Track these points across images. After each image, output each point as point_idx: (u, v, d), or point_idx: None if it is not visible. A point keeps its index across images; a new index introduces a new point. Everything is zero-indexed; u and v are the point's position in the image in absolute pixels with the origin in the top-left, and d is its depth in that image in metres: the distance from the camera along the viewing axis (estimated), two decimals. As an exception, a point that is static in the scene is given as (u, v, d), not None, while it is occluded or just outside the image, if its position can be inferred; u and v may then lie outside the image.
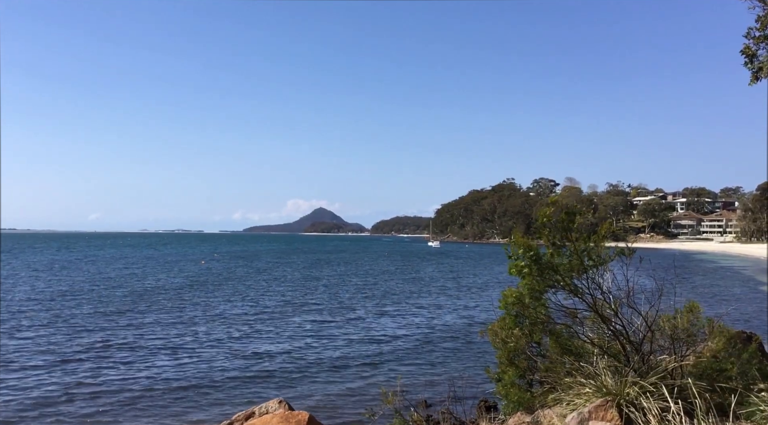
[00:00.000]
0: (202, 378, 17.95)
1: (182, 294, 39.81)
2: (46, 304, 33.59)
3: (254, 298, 38.29)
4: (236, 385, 17.35)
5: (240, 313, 31.30)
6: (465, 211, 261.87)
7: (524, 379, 9.40)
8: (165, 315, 29.91)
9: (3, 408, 14.65)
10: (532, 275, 8.32)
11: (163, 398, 15.87)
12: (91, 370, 18.54)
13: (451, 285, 50.74)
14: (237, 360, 20.31)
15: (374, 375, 18.56)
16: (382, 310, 33.40)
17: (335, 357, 21.06)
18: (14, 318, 28.19)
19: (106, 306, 32.95)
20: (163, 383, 17.19)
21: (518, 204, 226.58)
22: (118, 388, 16.57)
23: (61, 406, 14.95)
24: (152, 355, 20.79)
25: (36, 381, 17.19)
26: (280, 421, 11.56)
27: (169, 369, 18.93)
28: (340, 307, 34.40)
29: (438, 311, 33.46)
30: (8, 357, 20.16)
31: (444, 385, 15.74)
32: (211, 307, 33.43)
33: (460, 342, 24.14)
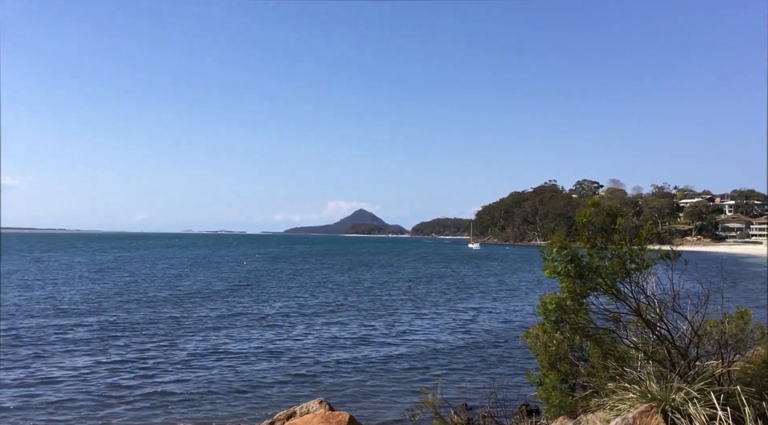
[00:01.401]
0: (244, 378, 18.19)
1: (224, 295, 40.42)
2: (94, 304, 34.48)
3: (295, 300, 38.64)
4: (277, 385, 17.54)
5: (281, 314, 31.62)
6: (506, 213, 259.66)
7: (566, 383, 9.29)
8: (207, 317, 30.40)
9: (60, 404, 15.12)
10: (570, 277, 8.20)
11: (205, 398, 16.13)
12: (136, 369, 18.98)
13: (491, 288, 50.37)
14: (278, 361, 20.53)
15: (414, 377, 18.54)
16: (422, 313, 33.35)
17: (376, 359, 21.10)
18: (67, 317, 29.03)
19: (153, 307, 33.66)
20: (206, 383, 17.47)
21: (560, 206, 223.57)
22: (161, 388, 16.89)
23: (109, 407, 15.32)
24: (195, 356, 21.14)
25: (87, 379, 17.67)
26: (320, 421, 11.66)
27: (211, 369, 19.23)
28: (381, 310, 34.47)
29: (478, 314, 33.25)
30: (62, 355, 20.79)
31: (484, 389, 15.63)
32: (252, 308, 33.85)
33: (500, 345, 23.94)
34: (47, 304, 33.25)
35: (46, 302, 34.30)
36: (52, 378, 17.28)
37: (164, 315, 30.29)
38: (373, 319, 30.34)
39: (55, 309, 31.22)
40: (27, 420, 13.80)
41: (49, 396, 15.42)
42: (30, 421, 13.78)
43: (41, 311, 30.61)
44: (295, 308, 34.10)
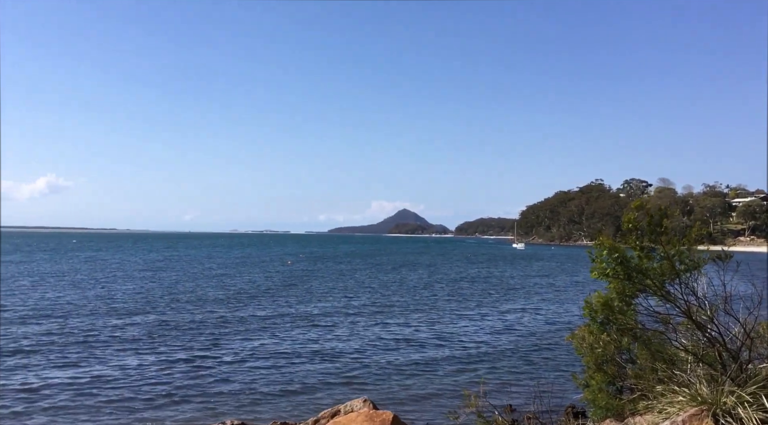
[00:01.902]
0: (288, 377, 18.42)
1: (269, 295, 40.95)
2: (144, 304, 35.35)
3: (338, 300, 38.90)
4: (321, 384, 17.71)
5: (324, 314, 31.89)
6: (551, 213, 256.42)
7: (613, 386, 9.16)
8: (253, 316, 30.84)
9: (109, 403, 15.57)
10: (619, 278, 8.08)
11: (250, 396, 16.39)
12: (183, 368, 19.41)
13: (536, 288, 49.83)
14: (322, 360, 20.71)
15: (457, 378, 18.50)
16: (466, 314, 33.22)
17: (419, 359, 21.12)
18: (117, 316, 29.85)
19: (200, 306, 34.34)
20: (251, 382, 17.75)
21: (607, 205, 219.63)
22: (207, 387, 17.23)
23: (156, 406, 15.69)
24: (240, 355, 21.48)
25: (135, 378, 18.15)
26: (364, 420, 11.74)
27: (256, 368, 19.52)
28: (424, 310, 34.45)
29: (523, 315, 32.95)
30: (112, 353, 21.39)
31: (529, 390, 15.50)
32: (296, 308, 34.21)
33: (545, 347, 23.69)
34: (100, 303, 34.22)
35: (99, 301, 35.31)
36: (102, 377, 17.74)
37: (211, 314, 30.87)
38: (416, 320, 30.35)
39: (107, 308, 32.10)
40: (77, 418, 14.23)
41: (99, 395, 15.79)
42: (80, 420, 14.22)
43: (94, 310, 31.52)
44: (338, 308, 34.35)
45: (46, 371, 18.24)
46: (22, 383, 16.79)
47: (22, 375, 17.66)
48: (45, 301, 34.42)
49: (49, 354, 20.45)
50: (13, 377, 17.44)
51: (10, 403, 14.96)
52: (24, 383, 16.77)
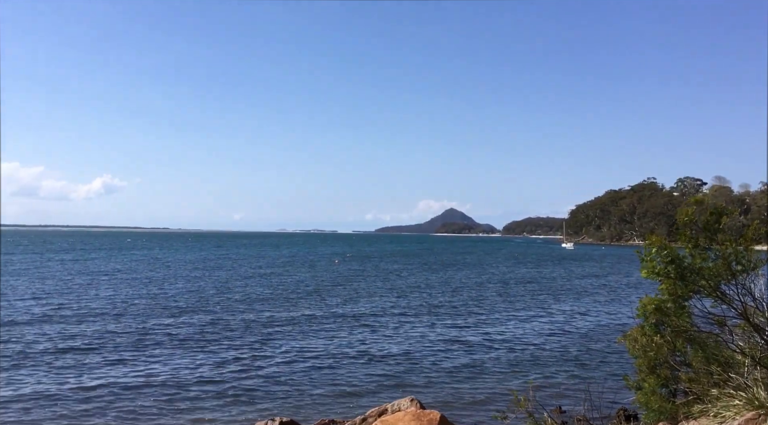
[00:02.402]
0: (336, 376, 18.59)
1: (317, 294, 41.35)
2: (194, 302, 36.16)
3: (385, 299, 39.02)
4: (368, 383, 17.81)
5: (371, 314, 32.03)
6: (601, 212, 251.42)
7: (666, 388, 8.96)
8: (300, 315, 31.21)
9: (156, 401, 15.98)
10: (670, 278, 7.90)
11: (298, 395, 16.60)
12: (230, 367, 19.79)
13: (586, 289, 49.00)
14: (369, 360, 20.83)
15: (506, 379, 18.37)
16: (514, 314, 32.93)
17: (466, 359, 21.04)
18: (169, 314, 30.61)
19: (249, 305, 34.96)
20: (298, 381, 17.99)
21: (660, 204, 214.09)
22: (254, 386, 17.51)
23: (201, 406, 16.02)
24: (288, 354, 21.78)
25: (183, 376, 18.58)
26: (412, 419, 11.77)
27: (303, 367, 19.76)
28: (471, 310, 34.29)
29: (573, 316, 32.46)
30: (163, 351, 21.95)
31: (579, 392, 15.28)
32: (343, 307, 34.46)
33: (596, 349, 23.30)
34: (153, 302, 35.17)
35: (152, 299, 36.31)
36: (153, 375, 18.19)
37: (260, 313, 31.35)
38: (463, 320, 30.22)
39: (160, 307, 32.94)
40: (128, 417, 14.63)
41: (150, 394, 16.14)
42: (131, 418, 14.62)
43: (147, 308, 32.41)
44: (385, 308, 34.45)
45: (100, 369, 18.81)
46: (77, 382, 17.37)
47: (76, 373, 18.25)
48: (100, 300, 35.53)
49: (103, 352, 21.05)
50: (69, 376, 18.07)
51: (68, 403, 15.50)
52: (79, 382, 17.34)
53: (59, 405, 14.99)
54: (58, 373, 17.99)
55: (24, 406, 14.80)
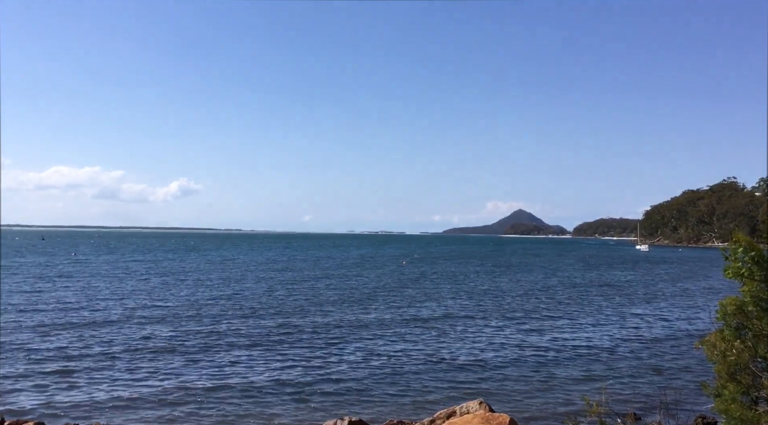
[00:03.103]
0: (402, 377, 18.63)
1: (384, 296, 41.61)
2: (264, 303, 36.96)
3: (452, 301, 38.86)
4: (435, 385, 17.76)
5: (439, 315, 31.97)
6: (678, 213, 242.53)
7: (747, 396, 8.58)
8: (367, 316, 31.47)
9: (222, 400, 16.42)
10: (755, 280, 7.56)
11: (365, 396, 16.73)
12: (298, 368, 20.11)
13: (662, 293, 47.33)
14: (435, 362, 20.78)
15: (577, 383, 17.98)
16: (585, 318, 32.20)
17: (536, 363, 20.70)
18: (243, 315, 31.40)
19: (319, 306, 35.53)
20: (366, 382, 18.13)
21: (741, 205, 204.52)
22: (321, 387, 17.77)
23: (268, 404, 16.35)
24: (355, 355, 22.00)
25: (261, 375, 19.02)
26: (480, 422, 11.69)
27: (369, 368, 19.91)
28: (541, 313, 33.74)
29: (647, 321, 31.44)
30: (230, 352, 22.52)
31: (654, 399, 14.80)
32: (410, 309, 34.52)
33: (671, 354, 22.52)
34: (226, 303, 36.23)
35: (226, 300, 37.41)
36: (224, 376, 18.75)
37: (329, 314, 31.81)
38: (532, 323, 29.77)
39: (232, 308, 33.91)
40: (197, 416, 15.09)
41: (220, 394, 16.54)
42: (199, 417, 15.08)
43: (222, 309, 33.41)
44: (454, 310, 34.29)
45: (173, 371, 19.49)
46: (152, 384, 18.07)
47: (151, 375, 18.97)
48: (175, 300, 36.89)
49: (176, 353, 21.71)
50: (145, 377, 18.80)
51: (143, 405, 16.14)
52: (154, 384, 18.02)
53: (137, 405, 15.63)
54: (135, 374, 18.75)
55: (103, 408, 15.50)
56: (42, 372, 17.98)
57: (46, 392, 16.06)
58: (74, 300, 34.35)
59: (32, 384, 16.73)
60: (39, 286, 42.60)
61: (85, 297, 36.33)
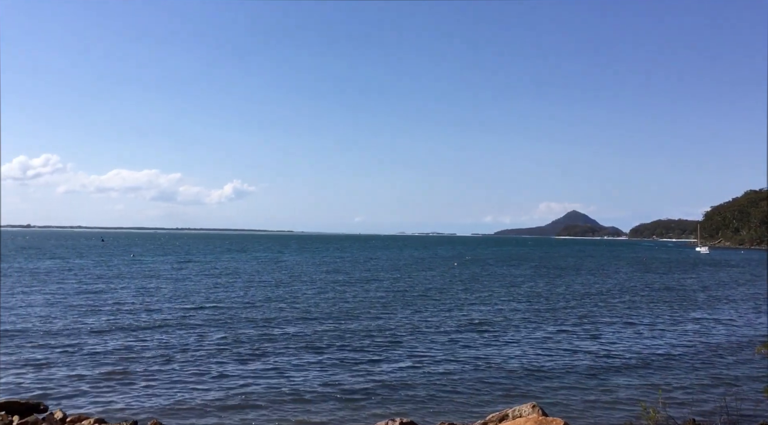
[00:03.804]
0: (455, 379, 18.63)
1: (436, 297, 41.60)
2: (317, 304, 37.38)
3: (504, 303, 38.58)
4: (486, 388, 17.70)
5: (490, 318, 31.78)
6: (740, 214, 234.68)
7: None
8: (418, 318, 31.52)
9: (271, 400, 16.70)
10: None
11: (417, 396, 16.80)
12: (347, 369, 20.30)
13: (723, 297, 45.87)
14: (487, 364, 20.70)
15: (633, 389, 17.64)
16: (641, 322, 31.49)
17: (590, 367, 20.39)
18: (297, 317, 31.86)
19: (372, 308, 35.78)
20: (419, 382, 18.20)
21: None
22: (372, 387, 17.89)
23: (321, 403, 16.56)
24: (408, 357, 22.06)
25: (310, 376, 19.28)
26: (533, 425, 11.61)
27: (424, 370, 19.96)
28: (594, 317, 33.17)
29: (708, 326, 30.48)
30: (283, 352, 22.88)
31: (714, 404, 14.43)
32: (461, 310, 34.41)
33: (732, 359, 21.80)
34: (279, 304, 36.86)
35: (279, 302, 38.05)
36: (275, 375, 19.14)
37: (379, 316, 32.02)
38: (586, 327, 29.28)
39: (285, 310, 34.52)
40: (247, 415, 15.42)
41: (269, 393, 16.93)
42: (251, 417, 15.39)
43: (274, 311, 34.02)
44: (505, 312, 34.03)
45: (227, 372, 19.95)
46: (208, 385, 18.54)
47: (206, 375, 19.47)
48: (230, 301, 37.67)
49: (232, 354, 22.31)
50: (198, 378, 19.29)
51: (200, 405, 16.55)
52: (208, 385, 18.49)
53: (193, 406, 16.07)
54: (190, 376, 19.26)
55: (159, 408, 15.99)
56: (100, 371, 18.56)
57: (105, 391, 16.58)
58: (131, 301, 35.42)
59: (91, 383, 17.28)
60: (98, 287, 44.11)
61: (141, 298, 37.43)
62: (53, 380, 17.47)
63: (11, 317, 28.31)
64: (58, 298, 36.07)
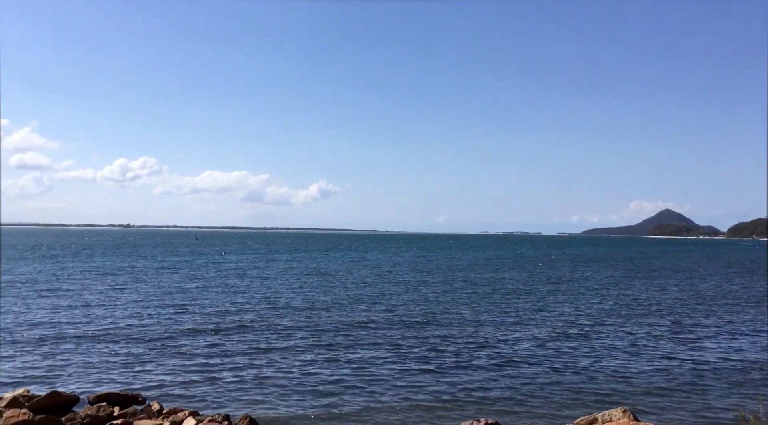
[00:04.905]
0: (543, 381, 18.61)
1: (519, 297, 41.20)
2: (400, 302, 37.79)
3: (591, 305, 37.79)
4: (575, 391, 17.59)
5: (577, 320, 31.27)
6: None
7: None
8: (503, 319, 31.43)
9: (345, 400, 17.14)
10: None
11: (500, 398, 16.91)
12: (426, 366, 20.52)
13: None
14: (576, 366, 20.53)
15: (728, 395, 17.13)
16: (738, 327, 30.15)
17: (684, 372, 19.90)
18: (378, 315, 32.38)
19: (452, 306, 35.92)
20: (504, 384, 18.33)
21: None
22: (453, 386, 18.07)
23: (400, 407, 16.84)
24: (494, 358, 22.14)
25: (403, 376, 19.64)
26: (624, 430, 11.53)
27: (510, 371, 20.02)
28: (689, 321, 31.99)
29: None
30: (363, 350, 23.36)
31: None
32: (547, 311, 34.00)
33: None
34: (368, 303, 37.63)
35: (368, 301, 38.81)
36: (360, 371, 19.63)
37: (463, 315, 32.10)
38: (678, 331, 28.35)
39: (372, 309, 35.15)
40: (332, 412, 15.90)
41: (345, 391, 17.50)
42: (336, 412, 15.88)
43: (364, 309, 34.72)
44: (593, 315, 33.35)
45: (318, 367, 20.64)
46: (299, 379, 19.23)
47: (296, 370, 20.21)
48: (317, 300, 38.70)
49: (320, 351, 23.04)
50: (289, 373, 20.02)
51: (291, 399, 17.22)
52: (300, 379, 19.19)
53: (284, 399, 16.78)
54: (280, 370, 20.06)
55: (250, 400, 16.79)
56: (191, 368, 19.54)
57: (195, 387, 17.46)
58: (221, 300, 36.83)
59: (183, 378, 18.21)
60: (189, 286, 46.32)
61: (230, 297, 38.83)
62: (148, 374, 18.60)
63: (107, 314, 30.27)
64: (152, 296, 38.08)
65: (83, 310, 30.93)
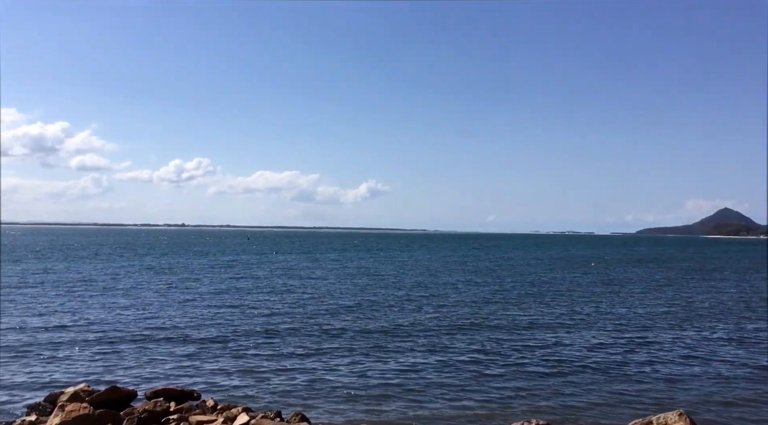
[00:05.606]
0: (596, 382, 18.36)
1: (572, 297, 40.58)
2: (450, 300, 37.69)
3: (645, 306, 36.96)
4: (629, 393, 17.26)
5: (630, 321, 30.67)
6: None
7: None
8: (556, 321, 31.06)
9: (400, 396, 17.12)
10: None
11: (554, 399, 16.73)
12: (492, 362, 20.39)
13: None
14: (630, 368, 20.16)
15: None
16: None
17: (742, 377, 19.30)
18: (426, 315, 32.35)
19: (504, 305, 35.61)
20: (555, 384, 18.12)
21: None
22: (512, 384, 17.92)
23: (452, 404, 16.75)
24: (547, 358, 21.93)
25: (427, 374, 19.61)
26: (680, 435, 11.25)
27: (557, 370, 19.79)
28: (747, 324, 30.95)
29: None
30: (408, 350, 23.32)
31: None
32: (598, 313, 33.44)
33: None
34: (419, 303, 37.72)
35: (420, 301, 38.89)
36: (407, 371, 19.76)
37: (516, 315, 31.93)
38: (735, 335, 27.41)
39: (422, 310, 35.24)
40: (386, 409, 15.92)
41: (391, 389, 17.61)
42: (390, 409, 15.91)
43: (414, 310, 34.79)
44: (649, 316, 32.64)
45: (371, 366, 20.77)
46: (352, 378, 19.36)
47: (350, 368, 20.38)
48: (367, 300, 38.99)
49: (357, 355, 23.17)
50: (343, 371, 20.19)
51: (343, 398, 17.36)
52: (353, 378, 19.32)
53: (335, 397, 16.93)
54: (332, 367, 20.25)
55: (302, 397, 16.98)
56: (243, 366, 19.86)
57: (247, 384, 17.76)
58: (272, 299, 37.48)
59: (236, 376, 18.60)
60: (241, 285, 47.26)
61: (280, 295, 39.44)
62: (202, 372, 19.04)
63: (162, 312, 31.05)
64: (205, 295, 38.93)
65: (140, 309, 31.85)
